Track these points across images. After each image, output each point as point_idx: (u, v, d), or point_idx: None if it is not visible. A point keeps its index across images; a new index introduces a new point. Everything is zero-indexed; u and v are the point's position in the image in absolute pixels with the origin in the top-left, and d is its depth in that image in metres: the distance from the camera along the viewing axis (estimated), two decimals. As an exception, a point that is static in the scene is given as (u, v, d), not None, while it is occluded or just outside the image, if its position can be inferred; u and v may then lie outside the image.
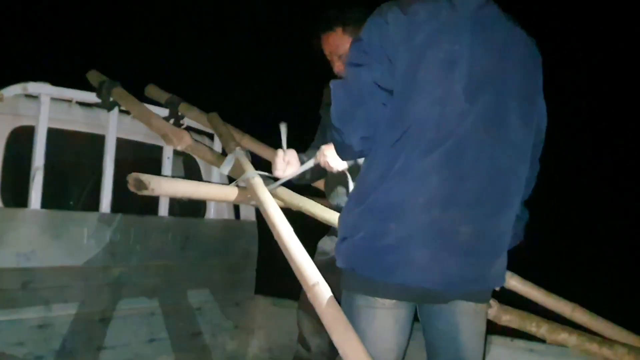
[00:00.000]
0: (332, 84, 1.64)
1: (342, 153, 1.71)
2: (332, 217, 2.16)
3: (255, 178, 2.16)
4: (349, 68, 1.61)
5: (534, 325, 2.40)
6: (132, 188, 1.89)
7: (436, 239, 1.57)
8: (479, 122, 1.57)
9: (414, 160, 1.55)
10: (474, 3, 1.61)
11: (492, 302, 2.13)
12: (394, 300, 1.64)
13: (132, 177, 1.89)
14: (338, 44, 2.38)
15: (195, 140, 2.46)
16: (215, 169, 3.18)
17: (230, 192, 2.20)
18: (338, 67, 2.41)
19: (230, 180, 2.47)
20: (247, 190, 2.21)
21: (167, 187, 1.99)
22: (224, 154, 2.58)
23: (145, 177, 1.88)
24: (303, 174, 2.31)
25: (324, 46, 2.43)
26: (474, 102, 1.57)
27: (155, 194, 1.91)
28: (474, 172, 1.58)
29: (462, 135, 1.56)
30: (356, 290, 1.65)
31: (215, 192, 2.23)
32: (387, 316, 1.64)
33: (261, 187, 2.11)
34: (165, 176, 3.07)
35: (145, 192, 1.86)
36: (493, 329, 2.41)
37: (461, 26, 1.57)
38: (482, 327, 1.80)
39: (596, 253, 8.33)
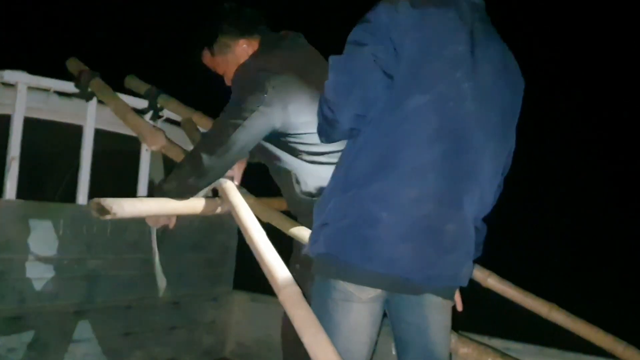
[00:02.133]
0: (332, 58, 1.63)
1: (329, 130, 1.67)
2: (300, 232, 2.17)
3: (227, 182, 2.17)
4: (351, 46, 1.59)
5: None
6: (95, 214, 1.84)
7: (423, 234, 1.59)
8: (483, 127, 1.61)
9: (412, 152, 1.56)
10: (477, 17, 1.65)
11: (451, 334, 2.15)
12: (370, 295, 1.64)
13: (94, 202, 1.84)
14: (215, 66, 2.29)
15: (170, 140, 2.42)
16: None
17: (199, 204, 2.18)
18: (226, 81, 2.29)
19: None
20: (216, 200, 2.22)
21: (130, 208, 1.93)
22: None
23: (107, 202, 1.83)
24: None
25: None
26: (481, 106, 1.60)
27: (118, 217, 1.86)
28: (470, 174, 1.62)
29: (465, 136, 1.59)
30: (334, 276, 1.64)
31: (183, 207, 2.18)
32: (362, 310, 1.65)
33: (233, 190, 2.11)
34: (140, 183, 3.05)
35: (108, 217, 1.82)
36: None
37: (465, 33, 1.61)
38: (449, 321, 1.84)
39: (576, 252, 8.42)
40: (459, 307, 1.95)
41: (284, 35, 2.25)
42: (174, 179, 2.09)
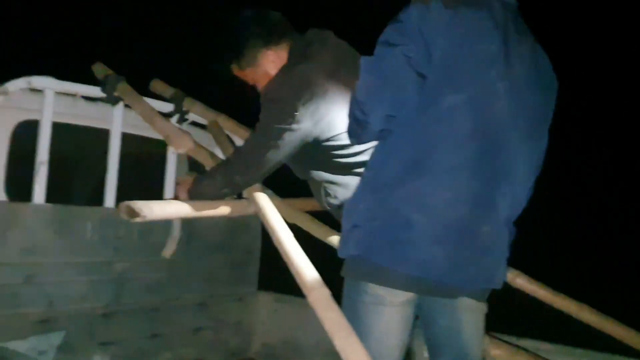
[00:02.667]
0: (363, 59, 1.62)
1: (359, 131, 1.65)
2: (326, 234, 2.19)
3: (254, 185, 2.17)
4: (382, 46, 1.58)
5: None
6: (124, 216, 1.86)
7: (459, 236, 1.58)
8: (517, 128, 1.60)
9: (446, 153, 1.55)
10: (510, 17, 1.64)
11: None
12: (402, 298, 1.63)
13: (123, 205, 1.87)
14: (244, 78, 2.26)
15: (197, 143, 2.44)
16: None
17: (227, 206, 2.20)
18: (259, 90, 2.26)
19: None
20: (243, 201, 2.23)
21: (160, 211, 1.96)
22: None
23: (137, 205, 1.85)
24: None
25: None
26: (515, 106, 1.59)
27: (148, 219, 1.88)
28: (504, 176, 1.61)
29: (499, 137, 1.58)
30: (364, 279, 1.63)
31: (210, 209, 2.21)
32: (394, 314, 1.64)
33: (260, 193, 2.12)
34: (159, 200, 3.01)
35: (138, 219, 1.84)
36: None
37: (498, 33, 1.59)
38: (482, 324, 1.83)
39: (607, 252, 8.30)
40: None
41: (312, 38, 2.19)
42: (210, 185, 2.15)
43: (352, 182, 2.05)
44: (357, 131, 1.66)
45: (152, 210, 1.88)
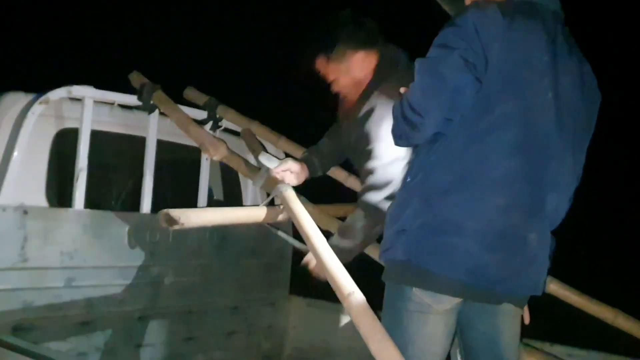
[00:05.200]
0: (419, 61, 1.62)
1: (410, 133, 1.63)
2: None
3: (288, 190, 2.21)
4: (440, 49, 1.57)
5: None
6: (163, 224, 1.95)
7: (510, 243, 1.59)
8: (563, 138, 1.62)
9: (498, 160, 1.56)
10: (559, 29, 1.65)
11: None
12: (448, 306, 1.63)
13: (162, 213, 1.95)
14: (326, 72, 2.30)
15: (232, 150, 2.49)
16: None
17: (261, 213, 2.24)
18: (334, 88, 2.33)
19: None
20: (277, 208, 2.27)
21: (196, 219, 2.06)
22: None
23: (175, 213, 1.93)
24: (314, 169, 2.39)
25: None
26: (562, 116, 1.60)
27: (186, 227, 1.96)
28: (551, 184, 1.62)
29: (548, 146, 1.60)
30: (410, 283, 1.63)
31: (244, 215, 2.26)
32: (438, 322, 1.65)
33: (294, 198, 2.15)
34: (200, 194, 3.14)
35: (176, 227, 1.92)
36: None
37: (549, 44, 1.61)
38: (519, 329, 1.83)
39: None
40: (527, 320, 1.92)
41: (399, 56, 2.26)
42: (357, 236, 2.19)
43: None
44: (407, 133, 1.64)
45: (189, 218, 1.95)
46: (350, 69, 2.23)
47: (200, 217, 2.07)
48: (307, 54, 2.32)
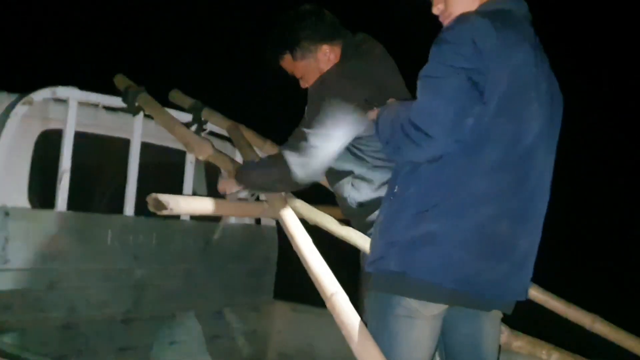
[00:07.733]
0: (422, 79, 1.56)
1: (413, 151, 1.57)
2: (348, 233, 2.20)
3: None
4: (443, 68, 1.52)
5: (544, 353, 2.37)
6: (152, 208, 1.93)
7: (501, 251, 1.62)
8: (545, 144, 1.66)
9: (490, 172, 1.57)
10: (533, 33, 1.68)
11: (503, 327, 2.15)
12: (436, 312, 1.65)
13: (151, 197, 1.93)
14: (293, 69, 2.28)
15: (217, 150, 2.49)
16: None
17: (247, 207, 2.25)
18: (302, 84, 2.30)
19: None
20: (263, 204, 2.26)
21: (185, 205, 2.06)
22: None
23: (164, 198, 1.91)
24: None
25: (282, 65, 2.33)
26: (543, 123, 1.64)
27: (174, 213, 1.95)
28: (536, 190, 1.66)
29: (534, 154, 1.62)
30: (401, 293, 1.62)
31: (232, 208, 2.27)
32: (424, 326, 1.66)
33: (279, 198, 2.15)
34: (184, 195, 3.11)
35: (164, 212, 1.91)
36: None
37: (533, 54, 1.63)
38: (499, 332, 1.88)
39: (618, 263, 8.22)
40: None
41: (362, 38, 2.25)
42: (263, 174, 2.15)
43: (377, 178, 2.11)
44: (407, 151, 1.58)
45: (179, 203, 1.94)
46: (319, 64, 2.23)
47: (189, 204, 2.08)
48: (271, 53, 2.31)
